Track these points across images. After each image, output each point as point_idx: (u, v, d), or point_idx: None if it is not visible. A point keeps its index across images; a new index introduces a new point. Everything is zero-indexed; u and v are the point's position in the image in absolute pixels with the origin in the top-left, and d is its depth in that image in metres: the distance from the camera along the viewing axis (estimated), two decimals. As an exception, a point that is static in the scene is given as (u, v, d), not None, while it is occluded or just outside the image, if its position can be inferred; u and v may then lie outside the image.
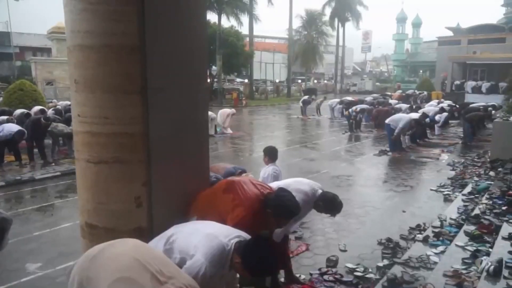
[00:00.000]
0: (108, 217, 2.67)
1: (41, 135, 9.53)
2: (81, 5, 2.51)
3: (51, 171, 8.87)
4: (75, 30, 2.55)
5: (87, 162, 2.65)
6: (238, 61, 30.93)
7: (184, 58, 2.85)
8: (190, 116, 2.94)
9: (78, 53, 2.57)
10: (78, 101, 2.63)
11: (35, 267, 4.44)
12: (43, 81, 25.35)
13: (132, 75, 2.58)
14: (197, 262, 2.17)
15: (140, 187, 2.66)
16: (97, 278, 1.89)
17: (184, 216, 2.83)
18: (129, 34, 2.54)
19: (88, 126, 2.61)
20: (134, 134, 2.62)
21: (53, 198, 7.35)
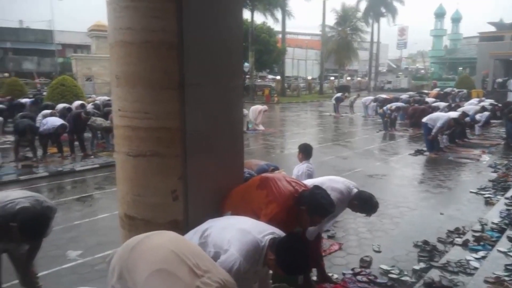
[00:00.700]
0: (146, 209, 2.74)
1: (81, 128, 9.91)
2: (124, 3, 2.58)
3: (90, 163, 9.21)
4: (117, 27, 2.62)
5: (126, 155, 2.73)
6: (270, 57, 30.89)
7: (220, 55, 2.87)
8: (225, 112, 2.97)
9: (119, 49, 2.65)
10: (119, 96, 2.71)
11: (75, 254, 4.63)
12: (82, 77, 26.33)
13: (170, 71, 2.63)
14: (231, 256, 2.18)
15: (177, 181, 2.71)
16: (136, 269, 1.94)
17: (218, 210, 2.86)
18: (168, 31, 2.58)
19: (128, 120, 2.68)
20: (171, 128, 2.67)
21: (92, 189, 7.63)
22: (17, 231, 2.58)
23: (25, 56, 37.46)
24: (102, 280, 3.69)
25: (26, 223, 2.57)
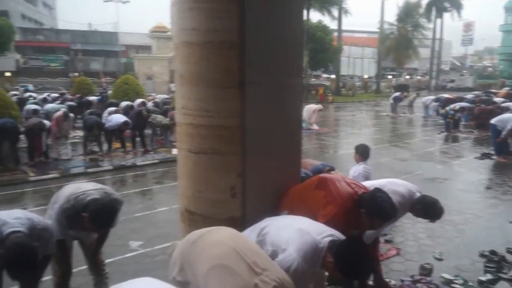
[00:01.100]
0: (205, 205, 2.82)
1: (142, 125, 10.40)
2: (188, 4, 2.67)
3: (150, 158, 9.65)
4: (182, 28, 2.72)
5: (188, 152, 2.83)
6: (325, 56, 30.43)
7: (280, 53, 2.88)
8: (283, 110, 2.97)
9: (184, 49, 2.74)
10: (182, 95, 2.81)
11: (136, 245, 4.87)
12: (143, 76, 27.60)
13: (231, 70, 2.68)
14: (290, 256, 2.18)
15: (236, 178, 2.76)
16: (196, 262, 2.01)
17: (275, 209, 2.87)
18: (230, 31, 2.64)
19: (191, 118, 2.77)
20: (232, 127, 2.72)
21: (152, 183, 7.99)
22: (87, 221, 2.77)
23: (93, 56, 40.07)
24: (161, 270, 3.86)
25: (96, 213, 2.75)
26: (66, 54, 40.00)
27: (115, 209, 2.90)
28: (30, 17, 45.22)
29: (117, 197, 3.04)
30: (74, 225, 2.92)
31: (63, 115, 9.36)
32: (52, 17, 54.20)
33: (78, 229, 2.98)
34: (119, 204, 3.00)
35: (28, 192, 7.39)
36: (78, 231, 3.03)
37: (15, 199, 6.95)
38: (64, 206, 2.85)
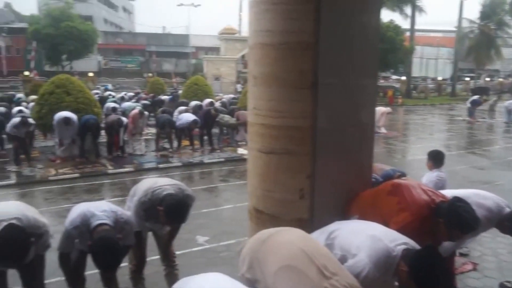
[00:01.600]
0: (274, 205, 2.84)
1: (210, 124, 10.75)
2: (265, 6, 2.71)
3: (217, 157, 9.95)
4: (258, 30, 2.77)
5: (258, 152, 2.87)
6: (396, 57, 29.11)
7: (354, 54, 2.82)
8: (357, 112, 2.90)
9: (258, 50, 2.79)
10: (255, 95, 2.86)
11: (203, 240, 5.05)
12: (211, 77, 28.51)
13: (305, 71, 2.67)
14: (360, 262, 2.12)
15: (305, 179, 2.75)
16: (266, 261, 2.03)
17: (344, 213, 2.82)
18: (305, 32, 2.63)
19: (263, 118, 2.81)
20: (303, 127, 2.71)
21: (218, 181, 8.24)
22: (162, 214, 2.93)
23: (165, 58, 42.24)
24: (226, 266, 3.97)
25: (171, 208, 2.89)
26: (142, 56, 42.61)
27: (188, 204, 3.03)
28: (111, 21, 48.84)
29: (190, 193, 3.17)
30: (150, 217, 3.10)
31: (139, 113, 9.96)
32: (131, 21, 58.05)
33: (154, 222, 3.16)
34: (191, 200, 3.14)
35: (106, 184, 7.98)
36: (153, 223, 3.21)
37: (95, 190, 7.55)
38: (142, 199, 3.04)
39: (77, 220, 2.63)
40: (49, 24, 29.66)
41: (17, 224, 2.39)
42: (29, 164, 8.68)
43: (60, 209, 6.17)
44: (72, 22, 30.07)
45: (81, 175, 8.21)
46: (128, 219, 2.86)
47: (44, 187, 7.55)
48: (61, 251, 2.78)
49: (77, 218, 2.63)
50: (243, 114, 10.92)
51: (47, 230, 2.68)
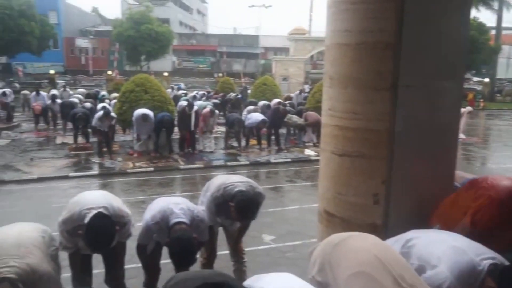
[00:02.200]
0: (345, 209, 2.77)
1: (278, 124, 10.81)
2: (344, 5, 2.65)
3: (283, 157, 9.99)
4: (335, 30, 2.72)
5: (331, 154, 2.82)
6: (478, 57, 26.98)
7: (439, 54, 2.65)
8: (439, 116, 2.73)
9: (335, 51, 2.74)
10: (330, 96, 2.81)
11: (269, 239, 5.10)
12: (279, 77, 28.63)
13: (384, 72, 2.57)
14: (441, 274, 2.00)
15: (379, 184, 2.65)
16: (338, 265, 1.99)
17: (422, 221, 2.67)
18: (386, 31, 2.53)
19: (337, 120, 2.76)
20: (380, 130, 2.62)
21: (284, 181, 8.26)
22: (233, 210, 3.00)
23: (235, 58, 43.29)
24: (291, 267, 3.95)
25: (241, 204, 2.96)
26: (213, 56, 44.09)
27: (258, 201, 3.08)
28: (186, 23, 51.14)
29: (261, 191, 3.22)
30: (221, 212, 3.20)
31: (210, 112, 10.32)
32: (204, 23, 60.35)
33: (225, 217, 3.25)
34: (261, 198, 3.18)
35: (178, 179, 8.39)
36: (224, 219, 3.31)
37: (168, 184, 7.96)
38: (215, 194, 3.15)
39: (158, 216, 2.79)
40: (131, 27, 31.85)
41: (105, 213, 2.59)
42: (110, 156, 9.39)
43: (136, 200, 6.60)
44: (151, 25, 32.01)
45: (155, 169, 8.71)
46: (203, 217, 2.97)
47: (122, 178, 8.13)
48: (140, 242, 2.97)
49: (158, 214, 2.79)
50: (311, 115, 10.84)
51: (130, 220, 2.87)
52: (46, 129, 13.95)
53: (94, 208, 2.58)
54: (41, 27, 29.65)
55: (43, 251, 2.41)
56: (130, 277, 3.32)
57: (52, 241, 2.66)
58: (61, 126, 13.25)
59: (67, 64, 40.17)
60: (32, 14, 28.61)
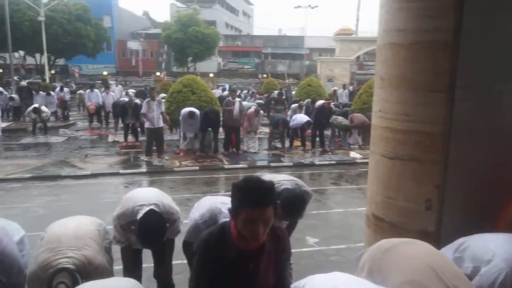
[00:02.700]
0: (395, 213, 2.69)
1: (323, 125, 10.69)
2: (397, 5, 2.58)
3: (328, 159, 9.85)
4: (388, 29, 2.65)
5: (381, 156, 2.75)
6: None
7: (501, 55, 2.50)
8: (500, 120, 2.57)
9: (387, 51, 2.67)
10: (381, 97, 2.74)
11: (313, 241, 5.04)
12: (324, 78, 28.28)
13: (440, 72, 2.47)
14: (495, 267, 1.90)
15: (432, 189, 2.54)
16: (388, 271, 1.93)
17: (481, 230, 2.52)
18: (443, 30, 2.43)
19: (387, 121, 2.68)
20: (434, 133, 2.51)
21: (328, 183, 8.14)
22: (279, 207, 3.00)
23: (280, 59, 43.32)
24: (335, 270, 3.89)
25: (287, 201, 2.94)
26: (258, 57, 44.38)
27: (305, 199, 3.05)
28: (232, 25, 51.89)
29: (307, 190, 3.19)
30: None
31: (254, 112, 10.38)
32: (249, 25, 60.92)
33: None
34: (308, 196, 3.15)
35: (222, 178, 8.51)
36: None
37: (212, 183, 8.10)
38: None
39: (206, 215, 2.84)
40: (179, 29, 32.80)
41: (156, 210, 2.68)
42: (158, 155, 9.71)
43: (182, 198, 6.76)
44: (198, 27, 32.78)
45: (200, 168, 8.90)
46: None
47: (169, 176, 8.38)
48: (187, 240, 3.03)
49: (206, 213, 2.85)
50: (357, 117, 10.61)
51: (179, 217, 2.95)
52: (99, 127, 14.70)
53: (146, 205, 2.68)
54: (96, 30, 31.29)
55: (99, 243, 2.54)
56: (176, 273, 3.41)
57: (107, 234, 2.80)
58: (113, 125, 13.91)
59: (119, 65, 42.09)
60: (88, 19, 30.25)
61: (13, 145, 11.48)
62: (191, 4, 38.33)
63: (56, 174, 8.22)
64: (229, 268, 1.77)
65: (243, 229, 1.73)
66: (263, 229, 1.71)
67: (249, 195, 1.69)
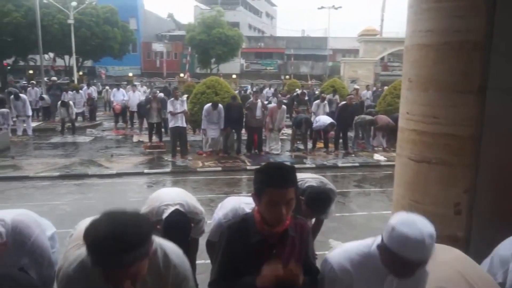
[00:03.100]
0: (422, 218, 2.63)
1: (346, 124, 10.53)
2: (426, 5, 2.53)
3: (351, 161, 9.73)
4: (416, 30, 2.60)
5: (408, 159, 2.70)
6: None
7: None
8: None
9: (415, 52, 2.62)
10: (408, 99, 2.70)
11: (336, 244, 4.99)
12: (348, 79, 27.98)
13: (470, 73, 2.41)
14: None
15: (461, 193, 2.48)
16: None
17: None
18: (474, 30, 2.37)
19: (415, 124, 2.63)
20: (463, 136, 2.45)
21: (351, 186, 8.04)
22: (303, 204, 2.99)
23: (303, 61, 43.10)
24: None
25: (312, 198, 2.93)
26: (280, 59, 44.28)
27: (330, 197, 3.03)
28: (255, 26, 52.00)
29: (332, 187, 3.17)
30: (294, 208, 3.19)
31: (277, 105, 10.29)
32: (272, 26, 60.89)
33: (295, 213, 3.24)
34: (333, 194, 3.12)
35: (244, 179, 8.53)
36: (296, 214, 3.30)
37: (235, 184, 8.13)
38: None
39: (230, 214, 2.86)
40: (203, 31, 33.10)
41: (181, 210, 2.71)
42: (181, 155, 9.82)
43: (205, 198, 6.82)
44: (222, 29, 32.99)
45: (222, 168, 8.95)
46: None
47: (192, 177, 8.46)
48: (210, 239, 3.05)
49: (230, 213, 2.86)
50: (382, 118, 10.45)
51: (203, 218, 2.98)
52: (125, 127, 15.00)
53: (171, 205, 2.71)
54: (123, 32, 31.92)
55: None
56: (200, 272, 3.44)
57: None
58: (137, 125, 14.17)
59: (144, 67, 42.84)
60: (115, 21, 30.91)
61: (43, 144, 11.85)
62: (215, 6, 38.63)
63: (83, 173, 8.44)
64: (253, 253, 1.77)
65: (266, 212, 1.73)
66: (286, 210, 1.71)
67: (271, 176, 1.71)
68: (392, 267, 1.64)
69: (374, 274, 1.72)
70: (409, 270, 1.58)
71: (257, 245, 1.78)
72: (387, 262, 1.66)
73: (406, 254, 1.53)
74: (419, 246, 1.52)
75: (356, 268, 1.75)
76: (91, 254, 1.33)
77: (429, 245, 1.53)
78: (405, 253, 1.54)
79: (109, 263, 1.30)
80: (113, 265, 1.30)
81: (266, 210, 1.72)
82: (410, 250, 1.53)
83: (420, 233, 1.53)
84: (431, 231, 1.55)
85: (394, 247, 1.57)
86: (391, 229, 1.60)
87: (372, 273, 1.72)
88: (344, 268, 1.75)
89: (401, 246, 1.54)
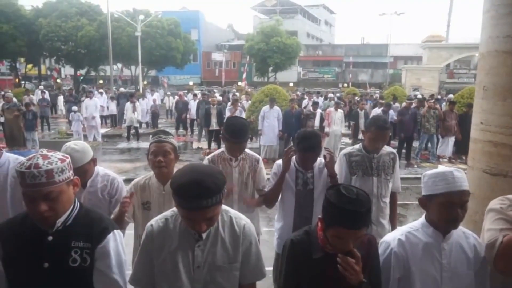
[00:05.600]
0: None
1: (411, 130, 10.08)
2: (505, 9, 2.38)
3: (413, 172, 9.33)
4: (493, 36, 2.46)
5: (482, 172, 2.54)
6: None
7: None
8: None
9: (492, 59, 2.48)
10: (483, 109, 2.55)
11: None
12: (410, 87, 26.89)
13: (555, 82, 2.23)
14: None
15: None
16: None
17: None
18: (559, 35, 2.19)
19: (491, 135, 2.48)
20: (546, 149, 2.26)
21: (413, 198, 7.69)
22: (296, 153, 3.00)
23: (362, 68, 42.15)
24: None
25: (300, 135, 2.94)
26: (339, 67, 43.65)
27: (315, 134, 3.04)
28: (313, 35, 51.79)
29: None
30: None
31: (335, 107, 10.18)
32: (331, 34, 60.26)
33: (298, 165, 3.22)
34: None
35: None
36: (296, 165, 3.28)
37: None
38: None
39: None
40: (261, 40, 33.59)
41: None
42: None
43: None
44: (280, 38, 33.24)
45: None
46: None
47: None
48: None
49: None
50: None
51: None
52: (185, 134, 15.56)
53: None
54: (185, 43, 33.31)
55: None
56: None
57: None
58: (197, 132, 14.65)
59: (203, 76, 44.33)
60: (178, 33, 32.35)
61: (111, 150, 12.65)
62: (274, 15, 39.06)
63: (148, 177, 8.86)
64: (316, 268, 1.76)
65: (331, 240, 1.71)
66: (353, 243, 1.68)
67: (344, 218, 1.62)
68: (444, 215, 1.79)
69: (428, 246, 1.86)
70: (458, 208, 1.77)
71: (320, 259, 1.77)
72: (437, 213, 1.82)
73: (446, 189, 1.75)
74: (451, 176, 1.76)
75: (410, 242, 1.88)
76: (177, 197, 1.58)
77: (460, 175, 1.78)
78: (445, 188, 1.75)
79: (190, 205, 1.55)
80: (193, 206, 1.55)
81: (332, 239, 1.71)
82: (448, 182, 1.75)
83: (446, 168, 1.84)
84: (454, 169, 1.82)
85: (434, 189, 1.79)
86: (424, 179, 1.88)
87: (426, 245, 1.87)
88: (400, 242, 1.88)
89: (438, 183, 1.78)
